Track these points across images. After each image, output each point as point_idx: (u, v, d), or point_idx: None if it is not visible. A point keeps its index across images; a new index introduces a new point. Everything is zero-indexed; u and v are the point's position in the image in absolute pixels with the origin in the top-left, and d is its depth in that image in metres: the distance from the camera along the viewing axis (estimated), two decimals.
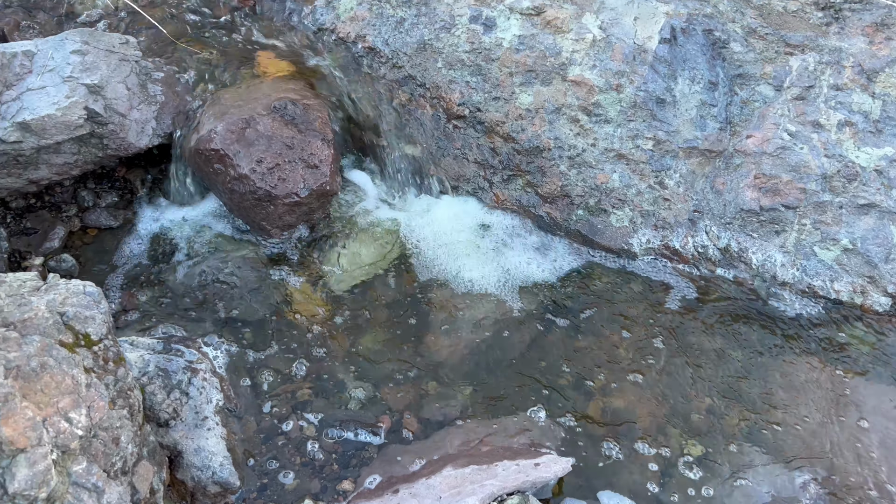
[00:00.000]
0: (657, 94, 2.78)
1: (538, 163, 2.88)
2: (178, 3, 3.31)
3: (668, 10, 2.83)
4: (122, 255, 2.76)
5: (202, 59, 3.03)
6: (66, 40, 2.63)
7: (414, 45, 3.02)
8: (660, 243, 2.80)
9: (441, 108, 3.01)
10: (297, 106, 2.84)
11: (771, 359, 2.58)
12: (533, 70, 2.85)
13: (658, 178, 2.80)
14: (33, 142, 2.49)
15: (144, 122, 2.71)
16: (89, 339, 1.84)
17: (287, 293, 2.71)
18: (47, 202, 2.82)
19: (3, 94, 2.48)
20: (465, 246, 2.90)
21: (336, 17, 3.19)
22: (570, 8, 2.84)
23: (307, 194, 2.78)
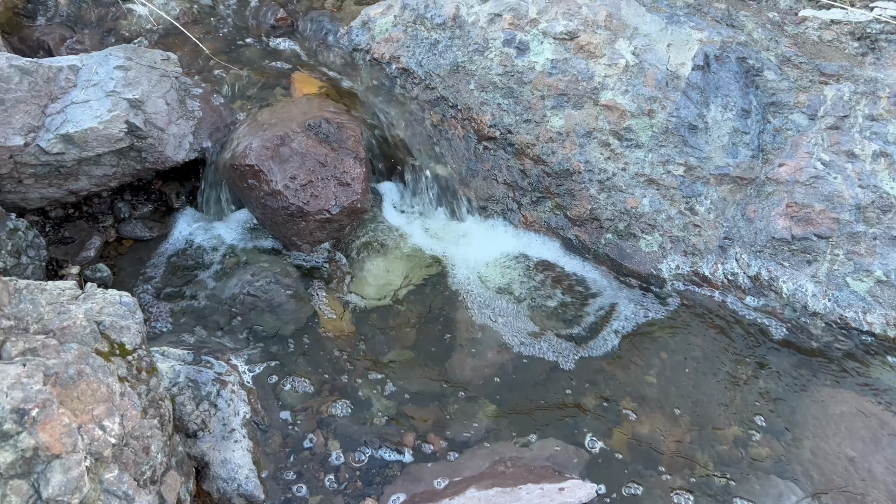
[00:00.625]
0: (689, 120, 2.78)
1: (568, 185, 2.88)
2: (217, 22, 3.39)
3: (701, 38, 2.84)
4: (155, 266, 2.81)
5: (239, 76, 3.10)
6: (110, 56, 2.71)
7: (447, 66, 3.06)
8: (689, 269, 2.79)
9: (472, 130, 3.03)
10: (332, 124, 2.89)
11: (801, 390, 2.54)
12: (565, 94, 2.87)
13: (688, 204, 2.79)
14: (75, 153, 2.56)
15: (182, 136, 2.77)
16: (124, 349, 1.87)
17: (315, 308, 2.74)
18: (85, 212, 2.89)
19: (48, 107, 2.55)
20: (491, 267, 2.91)
21: (371, 38, 3.25)
22: (604, 34, 2.86)
23: (338, 211, 2.81)
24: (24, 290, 1.78)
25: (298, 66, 3.27)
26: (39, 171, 2.57)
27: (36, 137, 2.50)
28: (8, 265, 2.41)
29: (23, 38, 3.24)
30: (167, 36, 3.27)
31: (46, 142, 2.50)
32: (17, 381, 1.52)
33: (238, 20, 3.44)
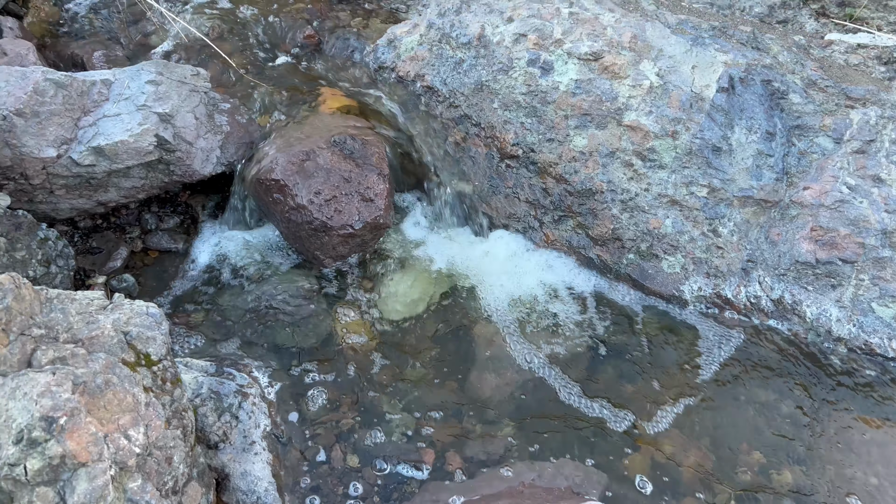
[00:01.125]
0: (713, 142, 2.78)
1: (590, 205, 2.89)
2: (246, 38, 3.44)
3: (726, 60, 2.84)
4: (180, 277, 2.85)
5: (267, 92, 3.15)
6: (142, 70, 2.76)
7: (471, 85, 3.08)
8: (711, 291, 2.77)
9: (495, 148, 3.05)
10: (356, 141, 2.92)
11: (824, 415, 2.51)
12: (588, 114, 2.88)
13: (711, 225, 2.78)
14: (105, 166, 2.61)
15: (209, 150, 2.81)
16: (149, 359, 1.90)
17: (337, 322, 2.75)
18: (113, 223, 2.94)
19: (80, 120, 2.61)
20: (512, 284, 2.92)
21: (397, 56, 3.28)
22: (628, 55, 2.87)
23: (361, 227, 2.83)
24: (54, 299, 1.81)
25: (324, 82, 3.31)
26: (70, 183, 2.62)
27: (68, 149, 2.55)
28: (38, 274, 2.46)
29: (58, 52, 3.31)
30: (197, 51, 3.33)
31: (78, 154, 2.55)
32: (47, 390, 1.55)
33: (266, 37, 3.50)
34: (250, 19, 3.60)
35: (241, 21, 3.59)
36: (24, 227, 2.44)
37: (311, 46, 3.51)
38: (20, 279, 1.71)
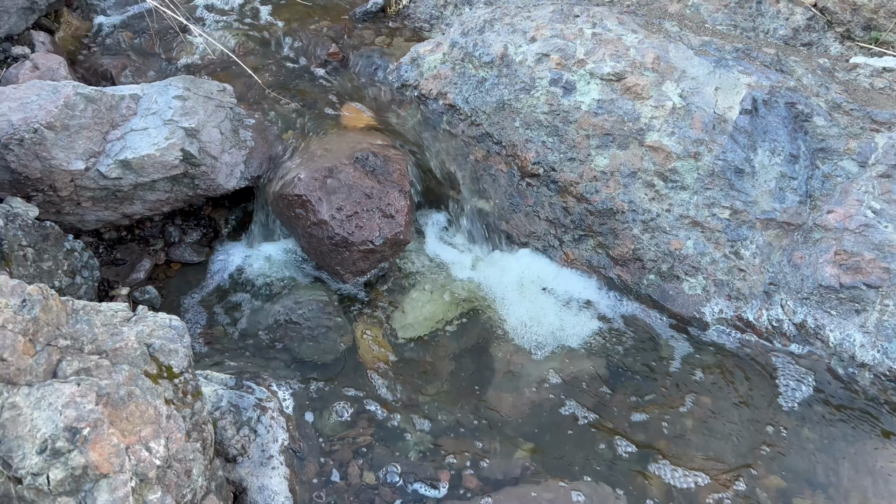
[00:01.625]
0: (736, 163, 2.77)
1: (611, 225, 2.88)
2: (272, 54, 3.49)
3: (750, 82, 2.84)
4: (201, 289, 2.88)
5: (291, 108, 3.19)
6: (169, 86, 2.81)
7: (493, 104, 3.10)
8: (733, 314, 2.75)
9: (516, 166, 3.06)
10: (378, 157, 2.94)
11: (846, 442, 2.47)
12: (610, 134, 2.88)
13: (734, 247, 2.76)
14: (132, 179, 2.65)
15: (234, 165, 2.85)
16: (171, 372, 1.91)
17: (356, 338, 2.76)
18: (137, 235, 2.97)
19: (109, 134, 2.65)
20: (531, 303, 2.91)
21: (420, 74, 3.31)
22: (651, 76, 2.87)
23: (382, 243, 2.85)
24: (80, 310, 1.84)
25: (348, 99, 3.35)
26: (97, 195, 2.66)
27: (96, 162, 2.60)
28: (63, 284, 2.49)
29: (88, 66, 3.38)
30: (223, 67, 3.38)
31: (106, 167, 2.60)
32: (72, 400, 1.57)
33: (292, 54, 3.54)
34: (276, 36, 3.65)
35: (268, 38, 3.64)
36: (51, 238, 2.48)
37: (336, 63, 3.55)
38: (48, 290, 1.73)
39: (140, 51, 3.50)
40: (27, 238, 2.39)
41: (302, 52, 3.59)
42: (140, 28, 3.58)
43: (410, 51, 3.43)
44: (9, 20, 3.25)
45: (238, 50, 3.48)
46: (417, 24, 3.86)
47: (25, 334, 1.63)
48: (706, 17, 3.25)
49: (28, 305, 1.67)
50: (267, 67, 3.42)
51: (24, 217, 2.42)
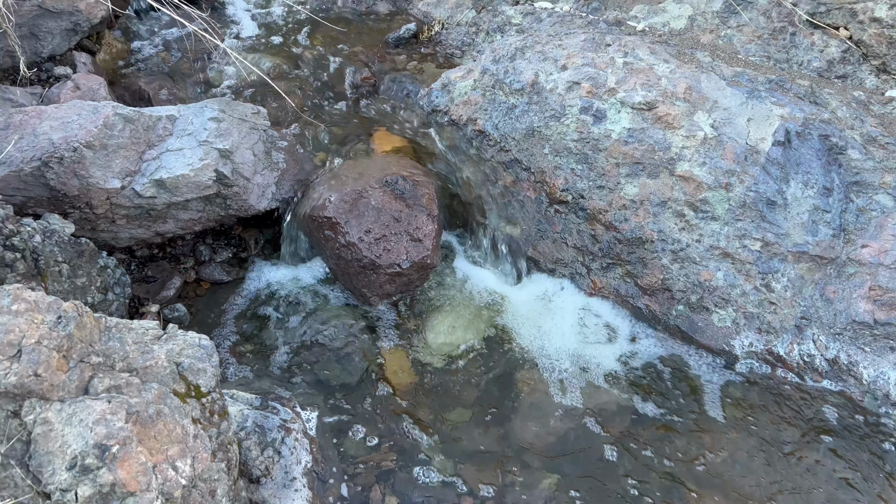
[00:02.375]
0: (768, 195, 2.74)
1: (639, 254, 2.86)
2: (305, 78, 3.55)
3: (783, 114, 2.82)
4: (230, 309, 2.90)
5: (323, 131, 3.23)
6: (205, 108, 2.86)
7: (523, 130, 3.11)
8: (763, 348, 2.71)
9: (544, 193, 3.06)
10: (407, 181, 2.96)
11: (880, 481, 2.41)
12: (640, 162, 2.88)
13: (764, 280, 2.73)
14: (166, 198, 2.69)
15: (265, 186, 2.88)
16: (199, 391, 1.93)
17: (381, 361, 2.76)
18: (168, 253, 3.02)
19: (145, 153, 2.70)
20: (558, 330, 2.89)
21: (450, 100, 3.34)
22: (683, 105, 2.87)
23: (409, 266, 2.86)
24: (113, 328, 1.86)
25: (379, 123, 3.39)
26: (131, 213, 2.71)
27: (132, 181, 2.65)
28: (95, 300, 2.53)
29: (126, 86, 3.46)
30: (258, 90, 3.44)
31: (141, 186, 2.64)
32: (102, 417, 1.59)
33: (325, 78, 3.60)
34: (310, 60, 3.71)
35: (302, 62, 3.70)
36: (85, 255, 2.52)
37: (368, 88, 3.60)
38: (83, 307, 1.76)
39: (177, 72, 3.57)
40: (63, 254, 2.43)
41: (335, 76, 3.64)
42: (178, 50, 3.67)
43: (441, 76, 3.46)
44: (52, 41, 3.34)
45: (272, 73, 3.54)
46: (449, 51, 3.90)
47: (60, 350, 1.66)
48: (739, 48, 3.24)
49: (63, 322, 1.69)
50: (300, 91, 3.47)
51: (60, 233, 2.47)
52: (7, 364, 1.57)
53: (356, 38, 3.88)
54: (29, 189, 2.55)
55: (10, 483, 1.54)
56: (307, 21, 4.00)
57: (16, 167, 2.51)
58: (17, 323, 1.62)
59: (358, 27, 3.99)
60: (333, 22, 3.94)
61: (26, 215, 2.56)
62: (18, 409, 1.61)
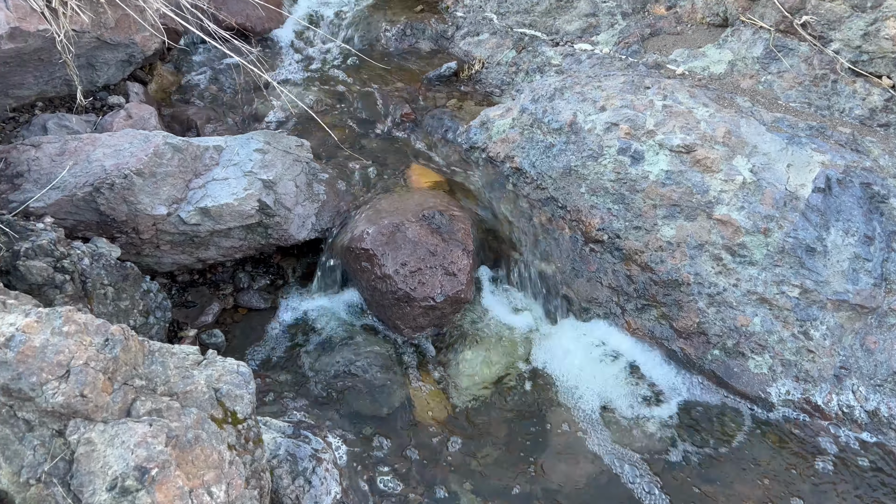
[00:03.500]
0: (807, 242, 2.72)
1: (675, 296, 2.85)
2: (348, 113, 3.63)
3: (823, 160, 2.80)
4: (265, 336, 2.95)
5: (363, 164, 3.29)
6: (251, 139, 2.95)
7: (560, 169, 3.14)
8: (800, 396, 2.66)
9: (580, 231, 3.07)
10: (444, 216, 3.00)
11: None
12: (678, 205, 2.88)
13: (803, 327, 2.69)
14: (210, 225, 2.76)
15: (306, 217, 2.94)
16: (236, 417, 1.96)
17: (412, 394, 2.77)
18: (208, 279, 3.08)
19: (191, 182, 2.79)
20: (590, 370, 2.88)
21: (488, 137, 3.39)
22: (721, 149, 2.87)
23: (443, 300, 2.88)
24: (156, 352, 1.91)
25: (418, 158, 3.44)
26: (176, 239, 2.78)
27: (178, 208, 2.73)
28: (137, 324, 2.60)
29: (175, 115, 3.58)
30: (301, 123, 3.53)
31: (186, 213, 2.72)
32: (143, 440, 1.62)
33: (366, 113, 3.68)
34: (353, 96, 3.80)
35: (345, 97, 3.80)
36: (130, 279, 2.60)
37: (408, 124, 3.67)
38: (129, 331, 1.81)
39: (224, 104, 3.69)
40: (109, 277, 2.51)
41: (377, 111, 3.72)
42: (226, 83, 3.78)
43: (480, 114, 3.52)
44: (108, 71, 3.48)
45: (316, 107, 3.63)
46: (488, 89, 3.97)
47: (105, 372, 1.70)
48: (779, 93, 3.25)
49: (110, 345, 1.74)
50: (343, 125, 3.56)
51: (107, 257, 2.55)
52: (55, 384, 1.62)
53: (398, 75, 3.97)
54: (80, 213, 2.65)
55: (52, 501, 1.58)
56: (351, 58, 4.11)
57: (69, 192, 2.60)
58: (66, 344, 1.67)
59: (400, 64, 4.09)
60: (376, 59, 4.04)
61: (76, 238, 2.65)
62: (63, 429, 1.65)
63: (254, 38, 4.02)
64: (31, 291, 2.30)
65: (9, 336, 1.62)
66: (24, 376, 1.59)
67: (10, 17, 2.78)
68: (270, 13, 4.03)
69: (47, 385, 1.61)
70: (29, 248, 2.33)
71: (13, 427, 1.63)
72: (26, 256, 2.31)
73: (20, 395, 1.60)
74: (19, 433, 1.63)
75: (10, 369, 1.58)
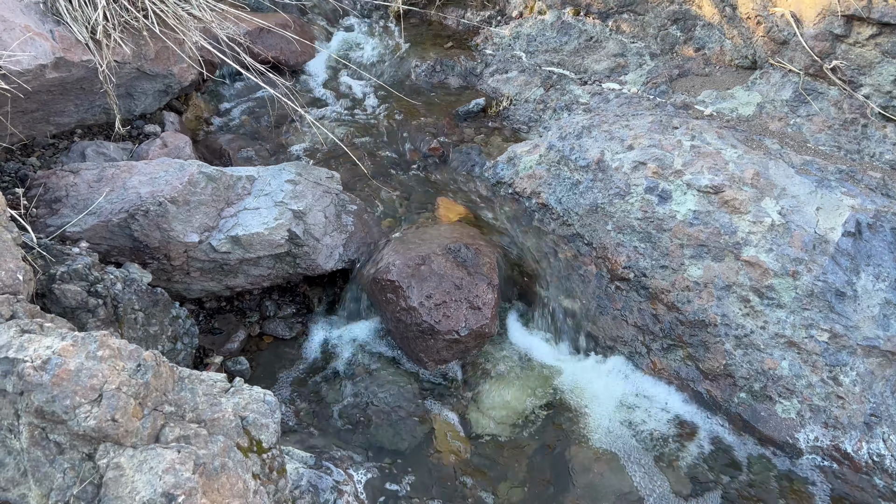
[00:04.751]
0: (837, 286, 2.69)
1: (702, 337, 2.83)
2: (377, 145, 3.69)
3: (853, 204, 2.79)
4: (290, 365, 2.96)
5: (391, 197, 3.33)
6: (283, 170, 3.00)
7: (586, 206, 3.15)
8: (829, 443, 2.61)
9: (605, 269, 3.07)
10: (470, 249, 3.02)
11: None
12: (705, 245, 2.87)
13: (832, 372, 2.65)
14: (239, 254, 2.80)
15: (334, 247, 2.98)
16: (261, 446, 1.96)
17: (433, 427, 2.76)
18: (235, 307, 3.12)
19: (223, 210, 2.84)
20: (614, 409, 2.85)
21: (515, 173, 3.42)
22: (750, 191, 2.87)
23: (467, 333, 2.88)
24: (185, 379, 1.93)
25: (445, 192, 3.48)
26: (206, 266, 2.82)
27: (209, 236, 2.77)
28: (165, 349, 2.63)
29: (208, 145, 3.65)
30: (331, 154, 3.59)
31: (217, 241, 2.76)
32: (171, 467, 1.64)
33: (395, 146, 3.73)
34: (382, 129, 3.87)
35: (375, 130, 3.86)
36: (160, 304, 2.63)
37: (436, 158, 3.71)
38: (161, 357, 1.84)
39: (257, 134, 3.76)
40: (140, 302, 2.55)
41: (405, 145, 3.77)
42: (259, 114, 3.87)
43: (507, 150, 3.55)
44: (145, 101, 3.57)
45: (346, 139, 3.69)
46: (515, 126, 4.01)
47: (137, 398, 1.73)
48: (808, 136, 3.25)
49: (142, 370, 1.77)
50: (372, 157, 3.61)
51: (139, 282, 2.59)
52: (88, 408, 1.64)
53: (427, 110, 4.03)
54: (114, 239, 2.70)
55: None
56: (382, 92, 4.18)
57: (105, 218, 2.66)
58: (100, 368, 1.70)
59: (429, 100, 4.15)
60: (406, 94, 4.11)
61: (109, 263, 2.70)
62: (93, 452, 1.67)
63: (287, 72, 4.11)
64: (65, 314, 2.34)
65: (45, 359, 1.65)
66: (59, 399, 1.62)
67: (55, 48, 2.88)
68: (304, 47, 4.13)
69: (80, 409, 1.63)
70: (65, 272, 2.38)
71: (44, 449, 1.65)
72: (62, 280, 2.36)
73: (53, 417, 1.63)
74: (50, 456, 1.65)
75: (46, 392, 1.61)
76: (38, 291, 2.33)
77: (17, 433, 1.65)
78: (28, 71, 2.76)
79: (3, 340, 1.69)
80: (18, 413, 1.64)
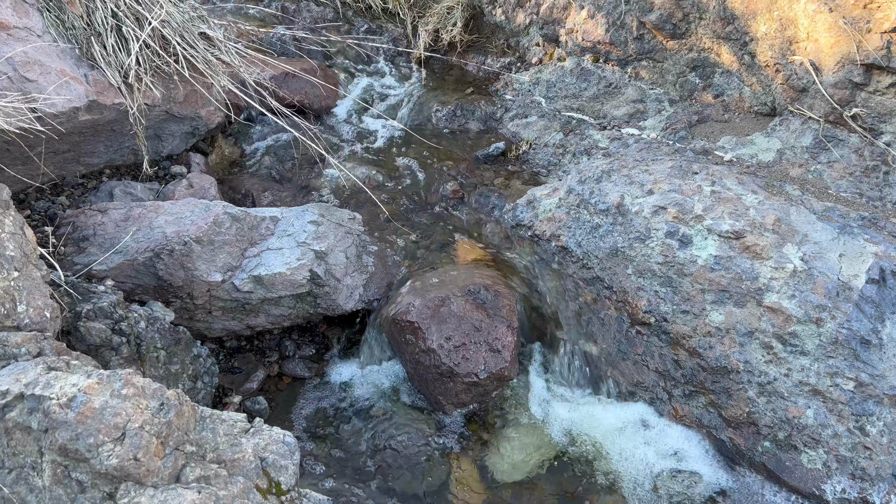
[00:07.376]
0: (861, 334, 2.66)
1: (724, 383, 2.79)
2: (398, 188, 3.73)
3: (877, 251, 2.77)
4: (307, 405, 2.96)
5: (411, 238, 3.36)
6: (306, 211, 3.04)
7: (606, 249, 3.15)
8: (857, 495, 2.55)
9: (626, 312, 3.06)
10: (489, 292, 3.02)
11: None
12: (727, 290, 2.85)
13: (858, 422, 2.60)
14: (261, 293, 2.83)
15: (354, 288, 3.00)
16: (280, 488, 1.96)
17: (450, 473, 2.73)
18: (255, 346, 3.13)
19: (247, 250, 2.87)
20: (635, 456, 2.81)
21: (535, 215, 3.44)
22: (771, 237, 2.86)
23: (486, 376, 2.87)
24: (207, 418, 1.94)
25: (464, 234, 3.50)
26: (228, 306, 2.85)
27: (232, 276, 2.80)
28: (185, 387, 2.64)
29: (233, 186, 3.72)
30: (353, 196, 3.63)
31: (240, 280, 2.79)
32: None
33: (416, 189, 3.78)
34: (403, 172, 3.92)
35: (396, 173, 3.91)
36: (182, 343, 2.66)
37: (456, 200, 3.75)
38: (183, 396, 1.85)
39: (281, 176, 3.82)
40: (162, 341, 2.57)
41: (426, 187, 3.82)
42: (283, 156, 3.94)
43: (527, 193, 3.58)
44: (172, 142, 3.66)
45: (368, 181, 3.74)
46: (535, 169, 4.05)
47: (159, 437, 1.73)
48: (829, 183, 3.25)
49: (165, 409, 1.78)
50: (393, 199, 3.65)
51: (162, 321, 2.62)
52: (111, 446, 1.65)
53: (447, 154, 4.09)
54: (139, 277, 2.74)
55: None
56: (403, 135, 4.25)
57: (131, 256, 2.71)
58: (124, 406, 1.71)
59: (450, 143, 4.21)
60: (427, 137, 4.17)
61: (133, 301, 2.74)
62: (114, 492, 1.67)
63: (311, 115, 4.20)
64: (89, 352, 2.37)
65: (71, 396, 1.66)
66: (82, 437, 1.63)
67: (89, 91, 2.97)
68: (328, 92, 4.22)
69: (103, 447, 1.64)
70: (90, 309, 2.41)
71: (66, 487, 1.66)
72: (87, 318, 2.39)
73: (76, 455, 1.64)
74: (72, 494, 1.65)
75: (70, 430, 1.63)
76: (63, 328, 2.36)
77: (39, 471, 1.66)
78: (62, 113, 2.84)
79: (30, 377, 1.71)
80: (42, 450, 1.66)
